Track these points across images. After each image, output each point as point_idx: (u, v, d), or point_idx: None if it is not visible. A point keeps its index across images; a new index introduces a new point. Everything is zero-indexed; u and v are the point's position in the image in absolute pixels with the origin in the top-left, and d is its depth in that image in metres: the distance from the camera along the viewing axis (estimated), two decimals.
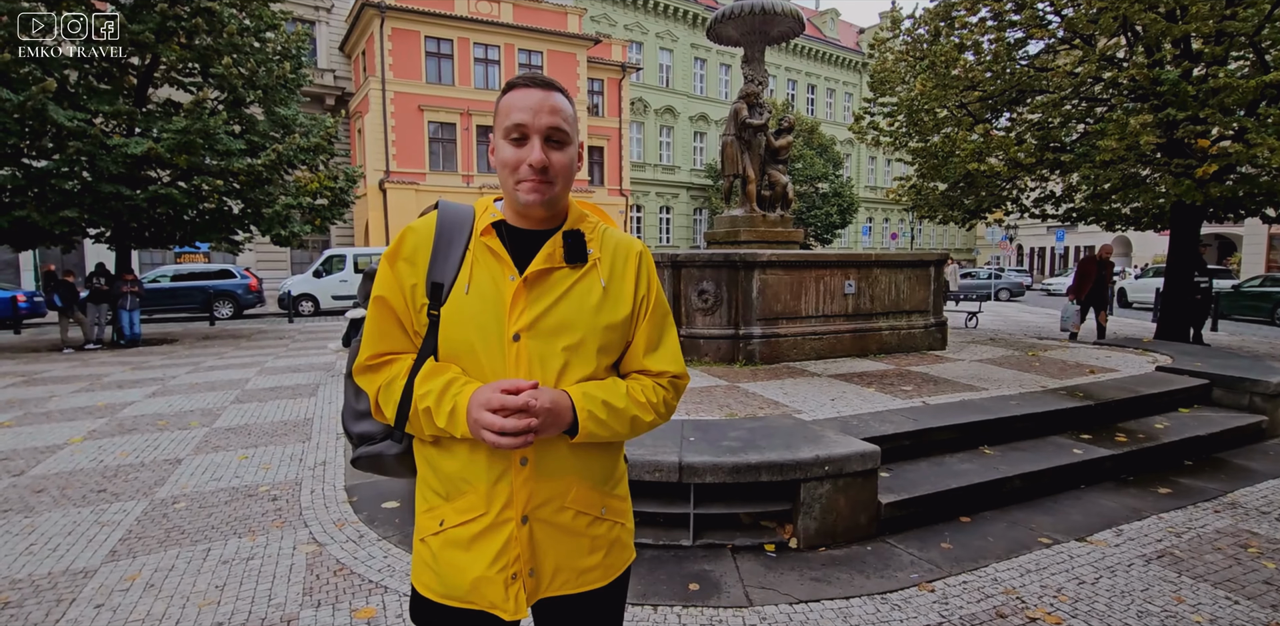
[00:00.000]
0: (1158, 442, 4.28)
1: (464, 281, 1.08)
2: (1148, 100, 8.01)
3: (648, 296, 1.19)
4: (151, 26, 10.32)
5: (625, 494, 1.24)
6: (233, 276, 17.52)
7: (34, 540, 3.16)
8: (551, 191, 1.08)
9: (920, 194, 11.20)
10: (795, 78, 39.29)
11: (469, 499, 1.08)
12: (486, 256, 1.10)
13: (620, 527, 1.20)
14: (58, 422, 5.53)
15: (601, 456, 1.17)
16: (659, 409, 1.16)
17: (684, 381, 1.23)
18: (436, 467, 1.12)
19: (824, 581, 2.76)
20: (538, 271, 1.09)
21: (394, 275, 1.11)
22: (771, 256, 5.91)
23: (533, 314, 1.07)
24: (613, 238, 1.19)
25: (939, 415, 4.16)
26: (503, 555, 1.07)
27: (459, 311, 1.07)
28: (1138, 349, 7.20)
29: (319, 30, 24.85)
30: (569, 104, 1.10)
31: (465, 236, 1.11)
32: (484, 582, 1.07)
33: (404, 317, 1.12)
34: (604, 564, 1.16)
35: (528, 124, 1.05)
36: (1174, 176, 7.77)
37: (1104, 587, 2.69)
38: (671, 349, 1.21)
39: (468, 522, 1.08)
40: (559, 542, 1.11)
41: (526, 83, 1.08)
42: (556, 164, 1.07)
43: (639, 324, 1.18)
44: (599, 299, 1.12)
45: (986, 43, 9.15)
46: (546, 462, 1.09)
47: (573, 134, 1.10)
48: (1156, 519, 3.42)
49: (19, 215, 9.85)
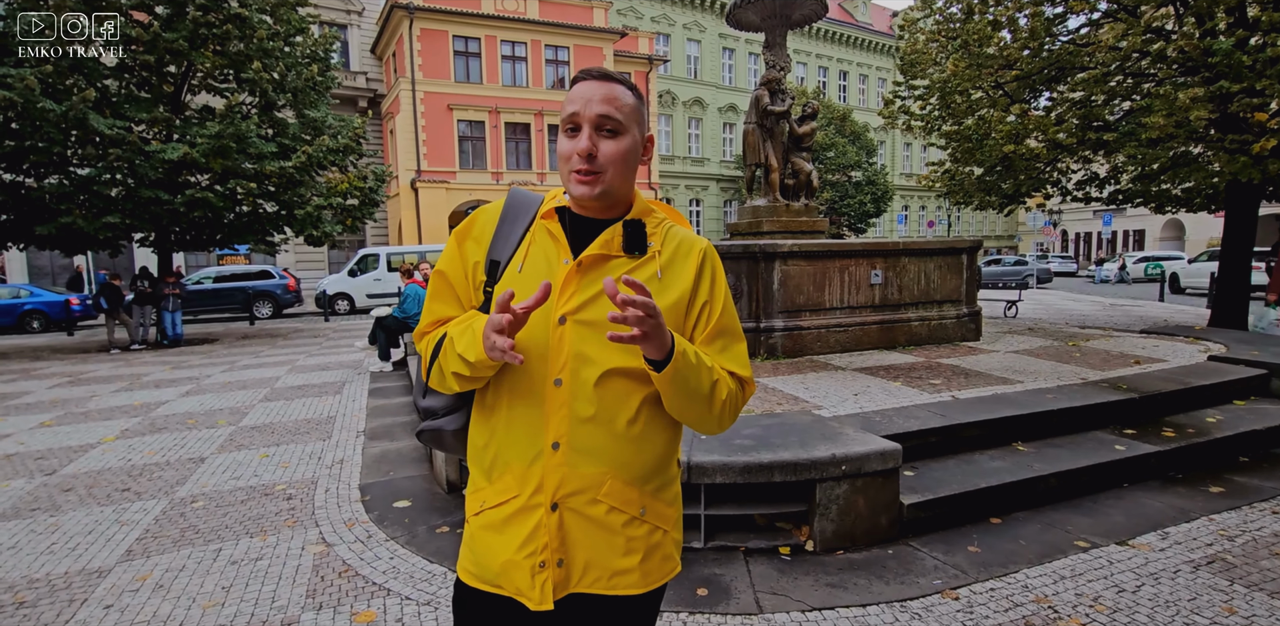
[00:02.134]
0: (1209, 438, 4.00)
1: (519, 260, 1.10)
2: (1198, 73, 7.53)
3: (710, 302, 1.13)
4: (185, 34, 10.58)
5: (674, 499, 1.16)
6: (271, 277, 17.97)
7: (56, 539, 3.22)
8: (602, 182, 1.06)
9: (954, 179, 10.79)
10: (826, 64, 38.48)
11: (506, 480, 1.07)
12: (545, 238, 1.11)
13: (663, 534, 1.12)
14: (95, 422, 5.69)
15: (642, 450, 1.09)
16: (735, 397, 1.10)
17: (751, 388, 1.17)
18: (480, 446, 1.12)
19: (840, 587, 2.62)
20: (593, 256, 1.07)
21: (459, 252, 1.16)
22: (793, 247, 5.73)
23: (581, 298, 1.05)
24: (678, 234, 1.16)
25: (969, 410, 3.95)
26: (531, 541, 1.04)
27: (510, 289, 1.03)
28: (1189, 337, 6.79)
29: (350, 34, 25.23)
30: (630, 95, 1.09)
31: (529, 219, 1.14)
32: (511, 566, 1.05)
33: (461, 293, 1.16)
34: (641, 569, 1.09)
35: (579, 113, 1.05)
36: (1228, 153, 7.29)
37: (1146, 596, 2.50)
38: (739, 356, 1.15)
39: (502, 504, 1.07)
40: (591, 536, 1.06)
41: (585, 76, 1.08)
42: (605, 152, 1.05)
43: (698, 327, 1.12)
44: (653, 289, 1.06)
45: (1023, 19, 8.72)
46: (579, 450, 1.04)
47: (629, 124, 1.07)
48: (1207, 520, 3.18)
49: (65, 221, 10.24)
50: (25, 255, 20.26)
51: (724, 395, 1.07)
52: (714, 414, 1.07)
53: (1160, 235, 36.18)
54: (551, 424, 1.04)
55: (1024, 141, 8.62)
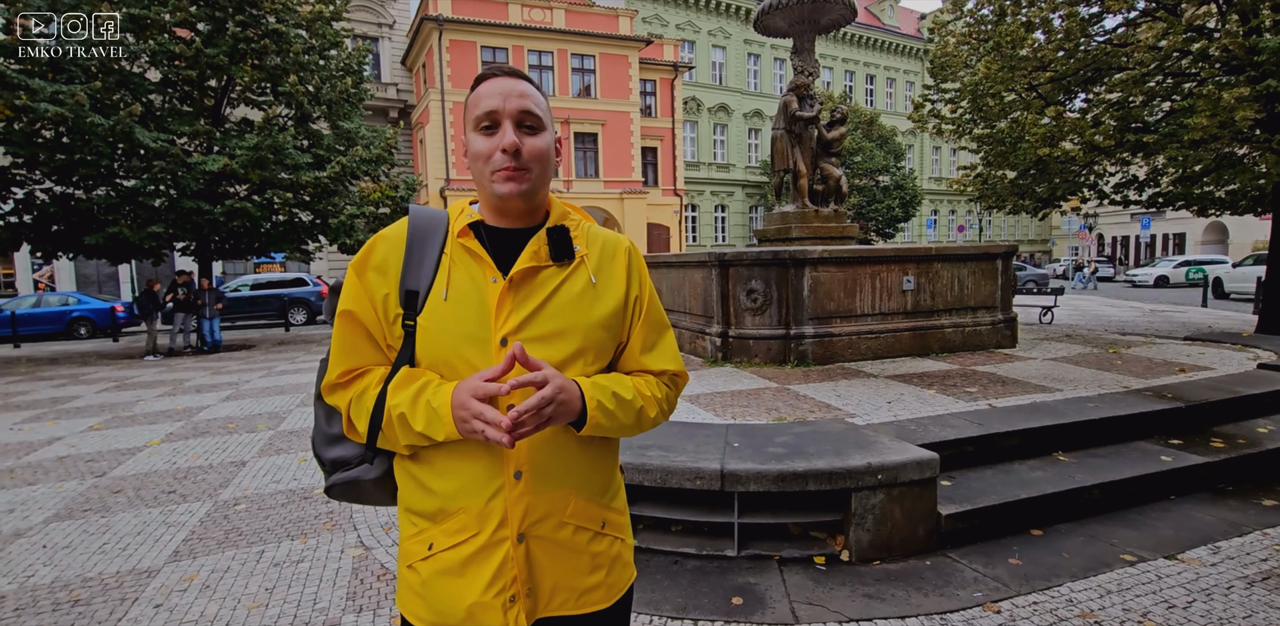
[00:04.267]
0: (1261, 448, 3.86)
1: (441, 287, 1.03)
2: (1243, 72, 7.32)
3: (640, 296, 1.14)
4: (225, 49, 10.93)
5: (623, 507, 1.18)
6: (306, 284, 18.38)
7: (107, 539, 3.33)
8: (528, 180, 1.03)
9: (987, 183, 10.62)
10: (853, 68, 38.22)
11: (459, 519, 1.01)
12: (465, 259, 1.05)
13: (620, 543, 1.13)
14: (141, 426, 5.87)
15: (599, 465, 1.11)
16: (663, 405, 1.13)
17: (683, 380, 1.20)
18: (423, 485, 1.05)
19: (877, 598, 2.59)
20: (524, 270, 1.03)
21: (362, 286, 1.06)
22: (823, 252, 5.69)
23: (520, 316, 1.01)
24: (599, 234, 1.15)
25: (1007, 419, 3.88)
26: (499, 578, 1.00)
27: (439, 319, 1.02)
28: (1236, 344, 6.58)
29: (382, 46, 25.80)
30: (540, 95, 1.07)
31: (440, 240, 1.06)
32: (480, 609, 1.00)
33: (375, 331, 1.06)
34: (606, 583, 1.09)
35: (498, 109, 1.01)
36: (1276, 154, 7.07)
37: (1198, 613, 2.42)
38: (669, 347, 1.18)
39: (459, 545, 1.01)
40: (558, 561, 1.04)
41: (493, 73, 1.04)
42: (530, 148, 1.02)
43: (634, 324, 1.13)
44: (590, 296, 1.07)
45: (1057, 19, 8.57)
46: (544, 475, 1.02)
47: (547, 122, 1.06)
48: (1260, 535, 3.07)
49: (112, 231, 10.62)
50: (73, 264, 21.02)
51: (652, 414, 1.10)
52: (644, 429, 1.11)
53: (1202, 238, 35.12)
54: (511, 453, 0.99)
55: (1059, 144, 8.45)
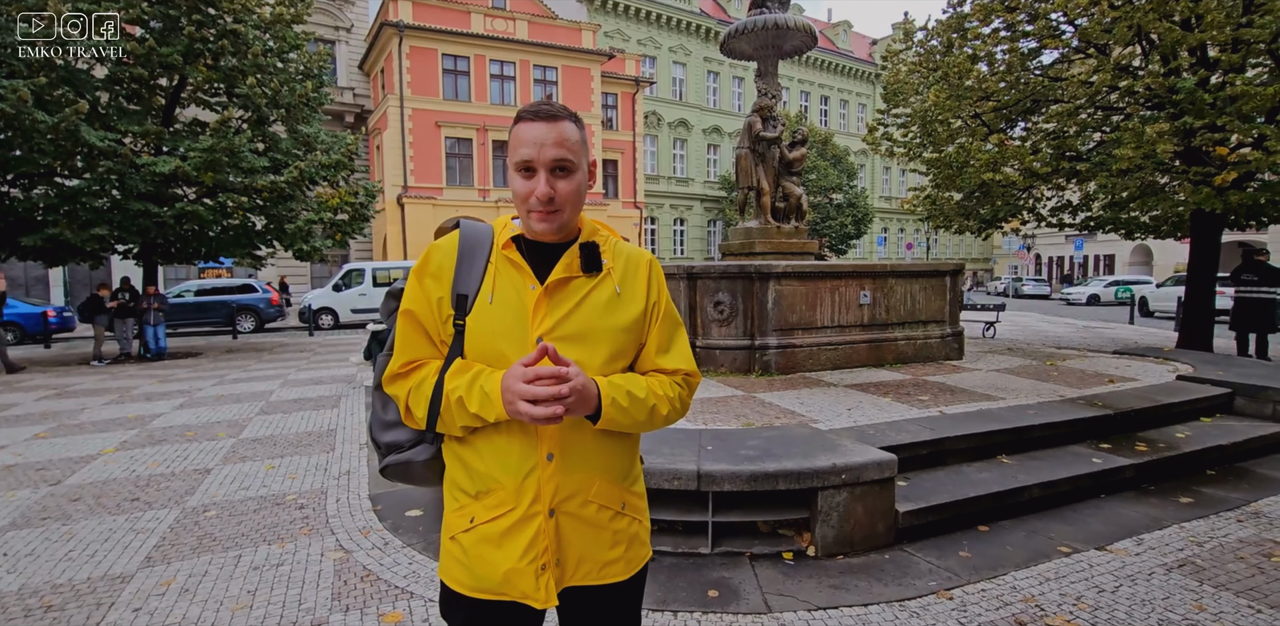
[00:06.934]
0: (1179, 452, 4.25)
1: (488, 292, 1.18)
2: (1164, 108, 7.98)
3: (658, 302, 1.28)
4: (180, 49, 10.67)
5: (642, 492, 1.32)
6: (254, 291, 17.85)
7: (73, 546, 3.27)
8: (560, 218, 1.17)
9: (935, 204, 11.18)
10: (808, 89, 39.47)
11: (498, 495, 1.16)
12: (508, 268, 1.20)
13: (638, 524, 1.28)
14: (90, 434, 5.68)
15: (621, 452, 1.25)
16: (675, 403, 1.24)
17: (696, 379, 1.32)
18: (468, 466, 1.19)
19: (842, 588, 2.78)
20: (557, 280, 1.18)
21: (422, 290, 1.21)
22: (787, 267, 5.96)
23: (554, 319, 1.16)
24: (624, 249, 1.30)
25: (956, 424, 4.16)
26: (532, 547, 1.15)
27: (484, 319, 1.16)
28: (1159, 358, 7.13)
29: (339, 49, 25.43)
30: (576, 129, 1.17)
31: (487, 251, 1.22)
32: (515, 574, 1.15)
33: (430, 329, 1.21)
34: (625, 557, 1.24)
35: (534, 159, 1.13)
36: (1193, 184, 7.71)
37: (1124, 596, 2.69)
38: (683, 349, 1.31)
39: (498, 518, 1.16)
40: (583, 535, 1.19)
41: (532, 116, 1.14)
42: (562, 193, 1.14)
43: (651, 327, 1.27)
44: (614, 303, 1.22)
45: (1000, 53, 9.17)
46: (572, 458, 1.17)
47: (579, 160, 1.16)
48: (1178, 528, 3.40)
49: (52, 233, 10.17)
50: None
51: (664, 412, 1.21)
52: (656, 426, 1.23)
53: (1130, 260, 37.33)
54: (544, 438, 1.14)
55: (1001, 169, 8.99)
